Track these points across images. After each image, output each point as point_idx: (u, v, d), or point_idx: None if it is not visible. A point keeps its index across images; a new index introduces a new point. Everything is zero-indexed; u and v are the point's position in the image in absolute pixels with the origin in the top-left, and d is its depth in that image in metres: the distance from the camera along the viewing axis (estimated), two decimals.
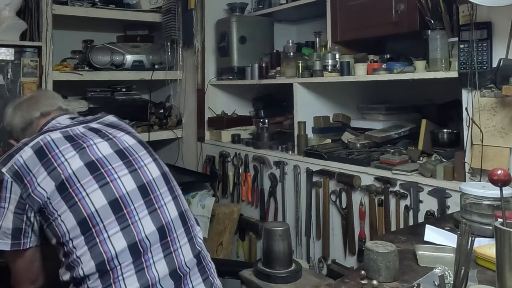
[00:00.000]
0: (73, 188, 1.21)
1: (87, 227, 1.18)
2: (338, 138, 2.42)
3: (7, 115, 1.50)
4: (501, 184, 0.85)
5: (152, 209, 1.26)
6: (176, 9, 3.09)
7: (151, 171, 1.33)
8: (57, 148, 1.26)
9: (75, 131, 1.33)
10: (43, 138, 1.28)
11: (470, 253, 0.81)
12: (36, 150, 1.26)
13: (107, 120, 1.45)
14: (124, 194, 1.24)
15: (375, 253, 0.87)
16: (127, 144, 1.35)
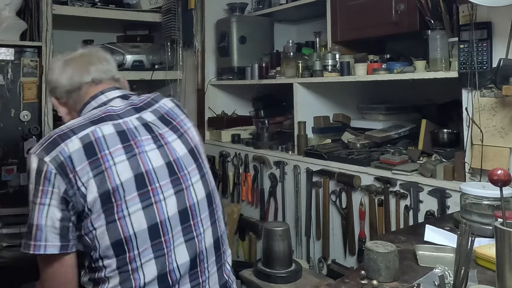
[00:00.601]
0: (117, 203, 1.08)
1: (122, 251, 1.07)
2: (338, 138, 2.42)
3: (54, 69, 1.32)
4: (501, 184, 0.85)
5: (189, 237, 1.15)
6: (176, 9, 3.09)
7: (197, 192, 1.20)
8: (108, 148, 1.11)
9: (129, 124, 1.18)
10: (94, 132, 1.13)
11: (470, 253, 0.81)
12: (85, 144, 1.10)
13: (163, 107, 1.27)
14: (165, 220, 1.12)
15: (375, 253, 0.87)
16: (178, 155, 1.20)
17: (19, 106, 2.50)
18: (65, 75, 1.29)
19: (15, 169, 2.49)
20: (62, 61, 1.32)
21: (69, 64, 1.31)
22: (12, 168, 2.48)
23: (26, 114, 2.51)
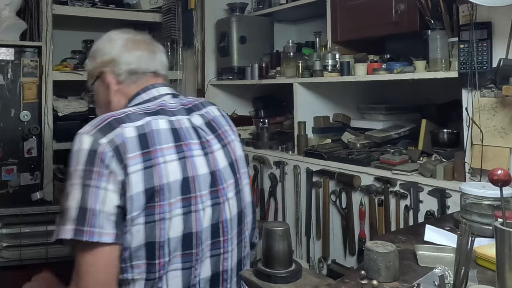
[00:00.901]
0: (160, 204, 1.02)
1: (153, 255, 1.01)
2: (338, 138, 2.42)
3: (115, 42, 1.23)
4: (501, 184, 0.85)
5: (215, 253, 1.10)
6: (176, 9, 3.09)
7: (231, 209, 1.14)
8: (160, 144, 1.06)
9: (182, 124, 1.13)
10: (149, 124, 1.07)
11: (470, 253, 0.81)
12: (140, 134, 1.05)
13: (210, 114, 1.22)
14: (200, 231, 1.06)
15: (375, 253, 0.87)
16: (220, 167, 1.14)
17: (19, 106, 2.50)
18: (133, 53, 1.22)
19: (15, 169, 2.49)
20: (125, 38, 1.24)
21: (138, 44, 1.24)
22: (12, 168, 2.48)
23: (26, 114, 2.51)
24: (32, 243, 2.19)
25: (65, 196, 1.01)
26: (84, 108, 2.80)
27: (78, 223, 0.97)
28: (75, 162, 1.01)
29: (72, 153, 1.03)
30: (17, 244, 2.17)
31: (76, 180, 1.00)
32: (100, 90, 1.26)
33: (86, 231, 0.96)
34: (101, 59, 1.23)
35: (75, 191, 0.99)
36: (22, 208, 2.24)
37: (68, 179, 1.02)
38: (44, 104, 2.57)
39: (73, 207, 0.98)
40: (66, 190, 1.02)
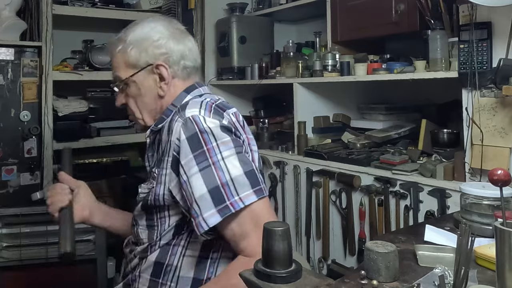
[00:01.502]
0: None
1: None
2: (338, 138, 2.42)
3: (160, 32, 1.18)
4: (501, 184, 0.85)
5: None
6: (176, 9, 3.09)
7: None
8: (248, 134, 1.15)
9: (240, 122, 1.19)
10: (236, 113, 1.15)
11: (470, 253, 0.81)
12: (235, 121, 1.13)
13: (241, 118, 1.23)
14: None
15: (375, 253, 0.87)
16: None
17: (19, 106, 2.50)
18: (185, 46, 1.20)
19: (15, 169, 2.49)
20: (172, 28, 1.21)
21: (185, 36, 1.22)
22: (12, 168, 2.48)
23: (26, 114, 2.50)
24: (32, 243, 2.19)
25: (212, 173, 1.02)
26: (84, 108, 2.80)
27: (254, 185, 1.03)
28: (214, 138, 1.04)
29: (202, 130, 1.05)
30: (17, 244, 2.17)
31: (228, 152, 1.04)
32: (146, 82, 1.19)
33: (258, 189, 1.03)
34: (155, 50, 1.17)
35: (232, 161, 1.03)
36: (22, 208, 2.24)
37: (209, 156, 1.03)
38: (44, 104, 2.57)
39: (238, 174, 1.02)
40: (211, 167, 1.02)
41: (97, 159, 2.86)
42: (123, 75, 1.20)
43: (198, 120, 1.06)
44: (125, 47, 1.19)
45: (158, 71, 1.18)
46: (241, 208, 1.01)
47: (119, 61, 1.21)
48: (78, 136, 2.72)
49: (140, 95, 1.20)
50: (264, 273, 0.82)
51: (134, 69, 1.19)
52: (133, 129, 3.03)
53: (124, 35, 1.21)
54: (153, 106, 1.20)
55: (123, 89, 1.22)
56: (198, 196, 1.02)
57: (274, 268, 0.81)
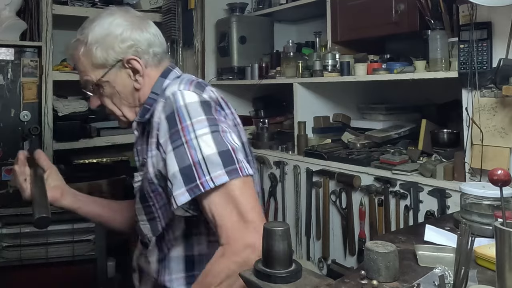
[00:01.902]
0: (248, 158, 1.10)
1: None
2: (338, 138, 2.42)
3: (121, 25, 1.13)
4: (501, 184, 0.85)
5: None
6: (176, 9, 3.09)
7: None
8: (228, 108, 1.13)
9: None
10: (210, 89, 1.12)
11: (470, 253, 0.81)
12: (221, 97, 1.13)
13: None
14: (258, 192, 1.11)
15: (375, 253, 0.87)
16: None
17: (19, 106, 2.50)
18: (149, 34, 1.16)
19: None
20: (129, 18, 1.16)
21: (145, 23, 1.17)
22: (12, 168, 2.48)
23: (26, 114, 2.50)
24: (32, 243, 2.18)
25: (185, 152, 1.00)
26: (84, 108, 2.80)
27: (227, 165, 0.98)
28: (188, 116, 1.02)
29: (179, 108, 1.03)
30: (17, 244, 2.16)
31: (203, 130, 1.01)
32: (119, 79, 1.15)
33: (240, 168, 0.99)
34: (121, 45, 1.12)
35: (206, 139, 1.00)
36: (22, 208, 2.24)
37: (183, 135, 1.01)
38: (44, 104, 2.57)
39: (211, 153, 0.99)
40: (184, 146, 1.00)
41: (97, 159, 2.85)
42: (93, 78, 1.14)
43: (177, 96, 1.05)
44: (88, 49, 1.12)
45: (130, 65, 1.13)
46: (212, 188, 0.98)
47: (85, 64, 1.14)
48: (78, 136, 2.72)
49: (115, 93, 1.16)
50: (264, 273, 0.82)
51: (103, 68, 1.13)
52: None
53: (82, 36, 1.14)
54: (131, 100, 1.17)
55: (95, 91, 1.17)
56: (171, 174, 1.00)
57: (274, 268, 0.81)
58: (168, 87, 1.11)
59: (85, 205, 1.35)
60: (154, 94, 1.15)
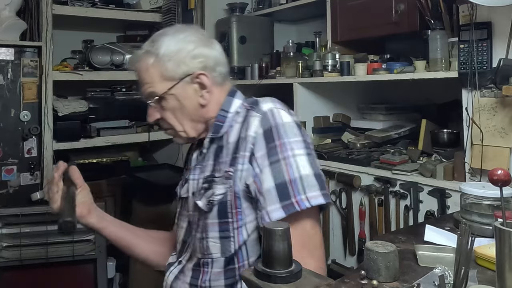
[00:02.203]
0: None
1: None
2: (338, 138, 2.42)
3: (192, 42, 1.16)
4: (501, 184, 0.85)
5: None
6: (176, 9, 3.08)
7: None
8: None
9: None
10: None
11: (470, 253, 0.81)
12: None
13: None
14: None
15: (375, 253, 0.87)
16: None
17: (19, 106, 2.50)
18: (217, 52, 1.20)
19: (15, 169, 2.49)
20: (199, 35, 1.20)
21: (213, 43, 1.21)
22: (12, 168, 2.48)
23: (26, 114, 2.51)
24: (32, 243, 2.18)
25: (282, 168, 1.03)
26: (84, 108, 2.80)
27: (322, 188, 1.04)
28: (286, 134, 1.06)
29: (278, 125, 1.07)
30: (17, 244, 2.16)
31: (299, 151, 1.06)
32: (185, 93, 1.16)
33: (323, 195, 1.04)
34: (193, 60, 1.15)
35: (302, 160, 1.05)
36: (22, 208, 2.24)
37: (280, 151, 1.05)
38: (44, 104, 2.57)
39: (308, 174, 1.04)
40: (281, 162, 1.04)
41: (97, 159, 2.86)
42: (159, 90, 1.15)
43: (275, 113, 1.09)
44: (160, 60, 1.14)
45: (199, 80, 1.15)
46: (307, 208, 1.01)
47: (153, 75, 1.15)
48: (78, 136, 2.72)
49: (179, 107, 1.16)
50: (264, 273, 0.82)
51: (171, 81, 1.14)
52: (133, 129, 3.03)
53: (153, 49, 1.16)
54: (195, 117, 1.18)
55: (157, 103, 1.17)
56: (265, 189, 1.03)
57: (274, 268, 0.81)
58: (260, 102, 1.15)
59: (110, 226, 1.35)
60: (224, 111, 1.18)
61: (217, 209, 1.12)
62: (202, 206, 1.14)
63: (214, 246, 1.12)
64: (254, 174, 1.07)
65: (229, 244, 1.11)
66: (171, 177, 2.83)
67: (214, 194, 1.12)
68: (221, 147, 1.16)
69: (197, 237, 1.16)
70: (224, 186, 1.11)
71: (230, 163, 1.12)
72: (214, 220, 1.12)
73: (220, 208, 1.11)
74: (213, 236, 1.12)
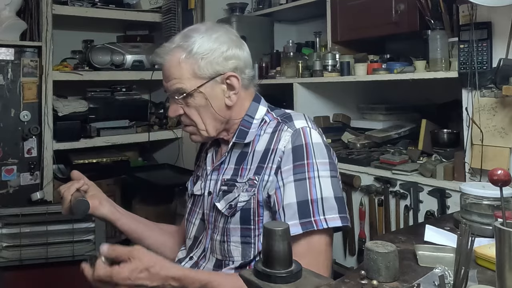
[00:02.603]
0: None
1: None
2: (338, 138, 2.42)
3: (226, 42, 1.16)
4: (501, 184, 0.85)
5: None
6: (176, 9, 3.09)
7: None
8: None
9: None
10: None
11: (470, 253, 0.81)
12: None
13: None
14: None
15: (375, 253, 0.87)
16: None
17: (19, 106, 2.50)
18: (247, 55, 1.21)
19: (15, 169, 2.49)
20: (233, 36, 1.20)
21: (243, 44, 1.21)
22: (12, 168, 2.48)
23: (26, 114, 2.51)
24: (32, 243, 2.19)
25: (306, 187, 1.07)
26: (84, 108, 2.80)
27: (340, 211, 1.07)
28: (314, 155, 1.10)
29: (308, 144, 1.11)
30: (17, 244, 2.17)
31: (325, 172, 1.09)
32: (213, 93, 1.16)
33: (343, 217, 1.08)
34: (226, 61, 1.15)
35: (326, 182, 1.09)
36: (22, 208, 2.24)
37: (307, 170, 1.08)
38: (44, 104, 2.57)
39: (329, 196, 1.08)
40: (306, 181, 1.08)
41: (97, 159, 2.86)
42: (188, 87, 1.14)
43: (307, 132, 1.12)
44: (192, 57, 1.13)
45: (229, 81, 1.16)
46: (324, 228, 1.05)
47: (183, 71, 1.14)
48: (78, 136, 2.72)
49: (205, 106, 1.16)
50: (264, 273, 0.82)
51: (201, 79, 1.14)
52: (133, 129, 3.03)
53: (186, 44, 1.14)
54: (219, 117, 1.18)
55: (183, 100, 1.16)
56: (286, 203, 1.07)
57: (274, 268, 0.81)
58: (293, 117, 1.18)
59: (122, 218, 1.36)
60: (250, 117, 1.20)
61: (240, 215, 1.14)
62: (223, 209, 1.16)
63: (235, 250, 1.16)
64: (277, 186, 1.10)
65: (249, 250, 1.14)
66: (171, 177, 2.83)
67: (236, 199, 1.15)
68: (245, 153, 1.18)
69: (217, 239, 1.19)
70: (248, 194, 1.14)
71: (255, 171, 1.14)
72: (236, 226, 1.15)
73: (243, 214, 1.14)
74: (235, 241, 1.15)
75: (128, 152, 3.16)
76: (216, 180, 1.22)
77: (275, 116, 1.21)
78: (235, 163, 1.19)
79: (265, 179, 1.12)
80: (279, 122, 1.18)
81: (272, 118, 1.21)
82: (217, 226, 1.19)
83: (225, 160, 1.22)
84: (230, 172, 1.19)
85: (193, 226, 1.29)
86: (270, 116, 1.22)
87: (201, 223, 1.27)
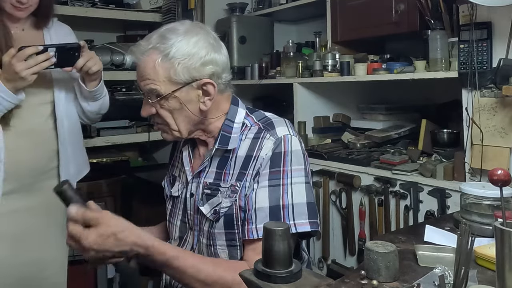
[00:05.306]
0: None
1: None
2: (338, 138, 2.42)
3: (204, 46, 1.13)
4: (501, 184, 0.85)
5: None
6: (176, 9, 3.08)
7: None
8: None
9: None
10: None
11: (470, 253, 0.81)
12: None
13: None
14: None
15: (375, 253, 0.87)
16: None
17: None
18: (225, 58, 1.18)
19: None
20: (211, 38, 1.15)
21: (223, 47, 1.19)
22: None
23: None
24: None
25: (278, 193, 1.11)
26: None
27: (310, 217, 1.10)
28: (291, 162, 1.12)
29: (287, 153, 1.13)
30: None
31: (299, 179, 1.12)
32: (188, 97, 1.14)
33: (317, 223, 1.12)
34: (204, 67, 1.12)
35: (299, 188, 1.12)
36: None
37: (282, 177, 1.11)
38: None
39: (301, 202, 1.11)
40: (280, 187, 1.11)
41: (97, 159, 2.85)
42: (163, 90, 1.11)
43: (287, 140, 1.14)
44: (169, 61, 1.10)
45: (205, 88, 1.14)
46: (293, 233, 1.07)
47: (159, 74, 1.11)
48: None
49: (179, 109, 1.15)
50: (264, 273, 0.82)
51: (177, 84, 1.12)
52: (133, 129, 3.02)
53: (163, 46, 1.11)
54: (193, 121, 1.18)
55: (157, 101, 1.14)
56: (259, 207, 1.10)
57: (274, 268, 0.81)
58: (275, 124, 1.18)
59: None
60: (230, 121, 1.20)
61: (224, 220, 1.16)
62: (208, 214, 1.17)
63: (222, 252, 1.18)
64: (252, 189, 1.13)
65: (236, 252, 1.16)
66: None
67: (220, 205, 1.16)
68: (227, 158, 1.18)
69: (204, 243, 1.20)
70: (230, 200, 1.15)
71: (237, 177, 1.15)
72: (221, 230, 1.17)
73: (226, 220, 1.16)
74: (221, 244, 1.18)
75: (128, 152, 3.15)
76: (198, 182, 1.21)
77: (256, 121, 1.21)
78: (216, 167, 1.19)
79: (246, 186, 1.14)
80: (261, 128, 1.18)
81: (252, 123, 1.21)
82: (202, 229, 1.20)
83: (208, 164, 1.21)
84: (212, 175, 1.19)
85: (176, 227, 1.29)
86: (251, 120, 1.21)
87: (182, 224, 1.27)
